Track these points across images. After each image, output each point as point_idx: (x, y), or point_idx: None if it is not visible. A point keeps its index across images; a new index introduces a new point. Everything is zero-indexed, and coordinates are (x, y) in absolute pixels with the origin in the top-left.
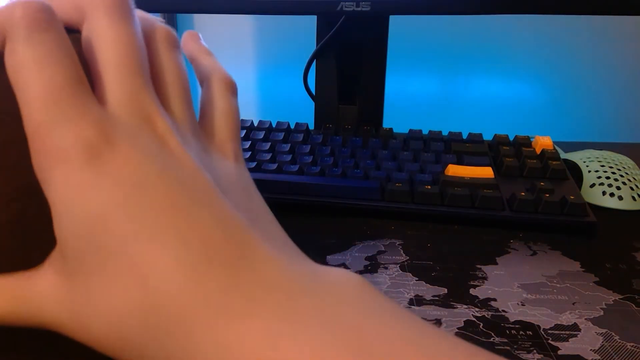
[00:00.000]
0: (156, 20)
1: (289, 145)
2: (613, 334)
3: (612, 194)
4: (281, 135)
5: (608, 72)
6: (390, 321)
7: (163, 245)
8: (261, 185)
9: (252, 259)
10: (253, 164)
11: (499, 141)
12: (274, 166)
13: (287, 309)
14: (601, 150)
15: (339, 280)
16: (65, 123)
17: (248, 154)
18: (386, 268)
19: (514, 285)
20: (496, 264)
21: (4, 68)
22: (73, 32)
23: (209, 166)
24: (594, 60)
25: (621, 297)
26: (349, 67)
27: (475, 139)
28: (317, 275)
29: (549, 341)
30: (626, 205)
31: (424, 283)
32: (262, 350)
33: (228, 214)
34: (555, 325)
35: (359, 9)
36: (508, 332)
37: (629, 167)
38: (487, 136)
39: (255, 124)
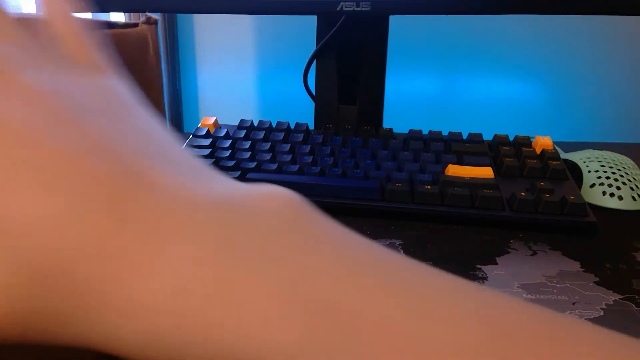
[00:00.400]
0: None
1: (289, 145)
2: None
3: (612, 194)
4: (281, 135)
5: (608, 72)
6: (325, 251)
7: (24, 188)
8: None
9: (143, 188)
10: (253, 164)
11: (499, 141)
12: (274, 166)
13: (198, 243)
14: (601, 150)
15: (265, 203)
16: None
17: (248, 154)
18: None
19: (514, 285)
20: (496, 264)
21: None
22: None
23: (69, 89)
24: (594, 60)
25: (621, 297)
26: (349, 67)
27: (475, 139)
28: (237, 198)
29: None
30: (626, 205)
31: None
32: (167, 295)
33: (101, 141)
34: None
35: (359, 9)
36: None
37: (629, 167)
38: (487, 136)
39: (255, 124)
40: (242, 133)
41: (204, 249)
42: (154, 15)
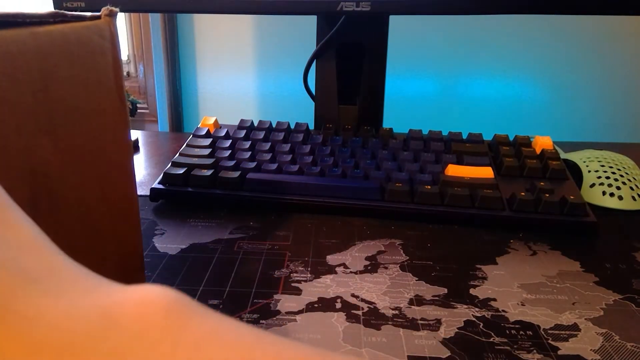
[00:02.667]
0: None
1: (289, 145)
2: (613, 334)
3: (612, 194)
4: (281, 135)
5: (608, 72)
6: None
7: None
8: (261, 185)
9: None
10: (253, 164)
11: (499, 141)
12: (274, 166)
13: None
14: (601, 150)
15: (139, 309)
16: None
17: (248, 154)
18: (386, 268)
19: (514, 285)
20: (496, 264)
21: None
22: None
23: None
24: (594, 61)
25: (621, 297)
26: (349, 67)
27: (475, 139)
28: (106, 309)
29: (549, 341)
30: (626, 205)
31: (424, 283)
32: None
33: None
34: (555, 325)
35: (359, 9)
36: (508, 332)
37: (629, 167)
38: (487, 136)
39: (255, 124)
40: (242, 133)
41: None
42: (115, 8)
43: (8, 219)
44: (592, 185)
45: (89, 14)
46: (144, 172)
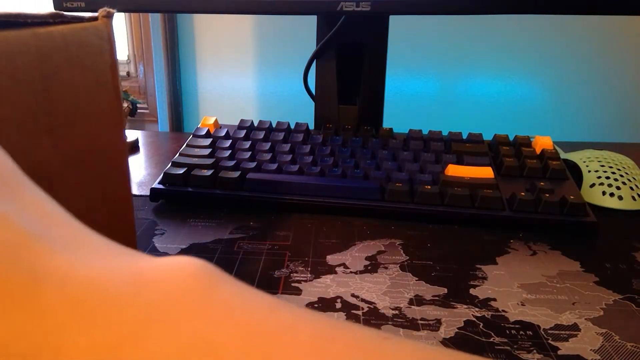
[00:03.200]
0: None
1: (289, 145)
2: (613, 334)
3: (612, 194)
4: (281, 135)
5: (608, 72)
6: (239, 321)
7: None
8: (261, 185)
9: (29, 281)
10: (253, 164)
11: (499, 141)
12: (274, 166)
13: (105, 328)
14: (601, 150)
15: (168, 275)
16: None
17: (248, 154)
18: (386, 268)
19: (514, 285)
20: (496, 264)
21: None
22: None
23: None
24: (594, 61)
25: (621, 297)
26: (349, 67)
27: (475, 139)
28: (137, 273)
29: (549, 341)
30: (626, 205)
31: (424, 283)
32: None
33: None
34: (555, 325)
35: (359, 9)
36: (508, 332)
37: (629, 167)
38: (487, 136)
39: (255, 124)
40: (242, 133)
41: (109, 334)
42: (112, 9)
43: (28, 195)
44: (592, 185)
45: (87, 14)
46: (144, 172)
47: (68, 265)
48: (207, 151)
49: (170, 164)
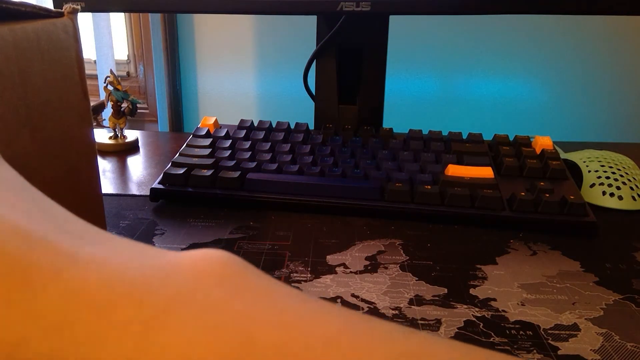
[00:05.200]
0: None
1: (289, 145)
2: (613, 334)
3: (612, 194)
4: (281, 135)
5: (608, 72)
6: (267, 306)
7: None
8: (261, 185)
9: (59, 267)
10: (253, 164)
11: (499, 141)
12: (274, 166)
13: (137, 312)
14: (601, 150)
15: (195, 263)
16: None
17: (248, 154)
18: (386, 268)
19: (514, 285)
20: (496, 264)
21: None
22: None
23: None
24: (594, 61)
25: (621, 297)
26: (349, 67)
27: (475, 139)
28: (164, 262)
29: (549, 341)
30: (626, 205)
31: (424, 283)
32: None
33: (7, 224)
34: (555, 325)
35: (359, 9)
36: (508, 332)
37: (629, 167)
38: (487, 136)
39: (255, 124)
40: (242, 133)
41: (141, 315)
42: (77, 6)
43: (40, 198)
44: (592, 185)
45: (53, 9)
46: (144, 172)
47: (98, 258)
48: (207, 151)
49: (170, 164)
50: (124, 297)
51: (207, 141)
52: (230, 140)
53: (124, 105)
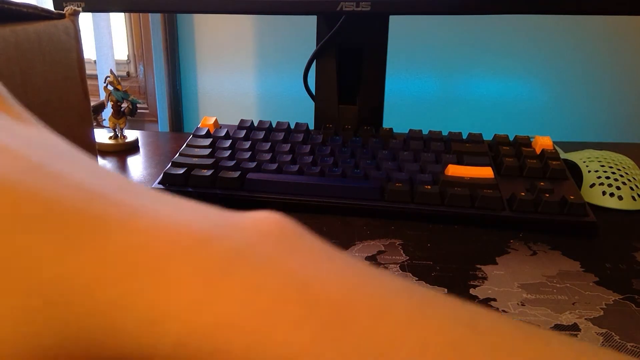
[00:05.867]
0: None
1: (289, 145)
2: (613, 334)
3: (612, 194)
4: (281, 135)
5: (608, 72)
6: (326, 262)
7: (26, 229)
8: (261, 185)
9: (135, 220)
10: (253, 164)
11: (499, 141)
12: (274, 166)
13: (203, 260)
14: (601, 150)
15: (256, 225)
16: None
17: (248, 154)
18: (386, 268)
19: (514, 285)
20: (496, 264)
21: None
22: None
23: (18, 140)
24: (594, 60)
25: (621, 297)
26: (349, 67)
27: (475, 139)
28: (229, 220)
29: None
30: (626, 205)
31: (424, 283)
32: (185, 314)
33: (72, 181)
34: (555, 325)
35: (359, 9)
36: None
37: (629, 167)
38: (487, 136)
39: (255, 124)
40: (242, 133)
41: (211, 266)
42: (78, 8)
43: (95, 164)
44: (592, 185)
45: (54, 10)
46: (144, 172)
47: (159, 211)
48: (207, 151)
49: (170, 164)
50: (189, 248)
51: (207, 141)
52: (230, 140)
53: (124, 105)
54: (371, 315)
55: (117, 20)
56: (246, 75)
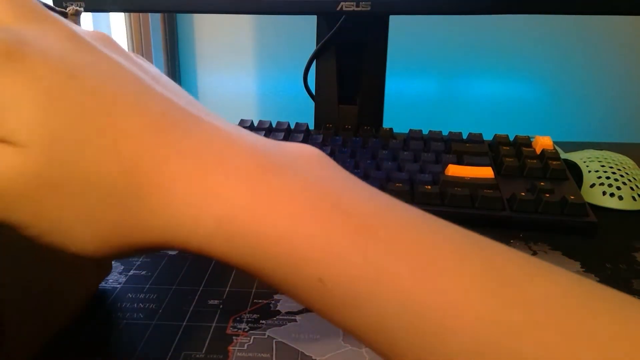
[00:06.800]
0: None
1: None
2: None
3: (612, 194)
4: (281, 135)
5: (608, 72)
6: (356, 187)
7: (125, 117)
8: None
9: (210, 128)
10: None
11: (499, 141)
12: None
13: (255, 166)
14: (601, 150)
15: (300, 150)
16: None
17: None
18: None
19: None
20: None
21: None
22: None
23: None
24: (594, 61)
25: None
26: (349, 67)
27: (475, 139)
28: (277, 143)
29: None
30: (626, 205)
31: None
32: (233, 201)
33: (166, 96)
34: None
35: (359, 8)
36: None
37: (629, 167)
38: (487, 136)
39: (255, 124)
40: None
41: (253, 165)
42: (79, 8)
43: (178, 88)
44: (592, 185)
45: (58, 9)
46: None
47: (228, 127)
48: None
49: None
50: (246, 151)
51: None
52: None
53: None
54: (395, 226)
55: (117, 20)
56: (246, 75)
